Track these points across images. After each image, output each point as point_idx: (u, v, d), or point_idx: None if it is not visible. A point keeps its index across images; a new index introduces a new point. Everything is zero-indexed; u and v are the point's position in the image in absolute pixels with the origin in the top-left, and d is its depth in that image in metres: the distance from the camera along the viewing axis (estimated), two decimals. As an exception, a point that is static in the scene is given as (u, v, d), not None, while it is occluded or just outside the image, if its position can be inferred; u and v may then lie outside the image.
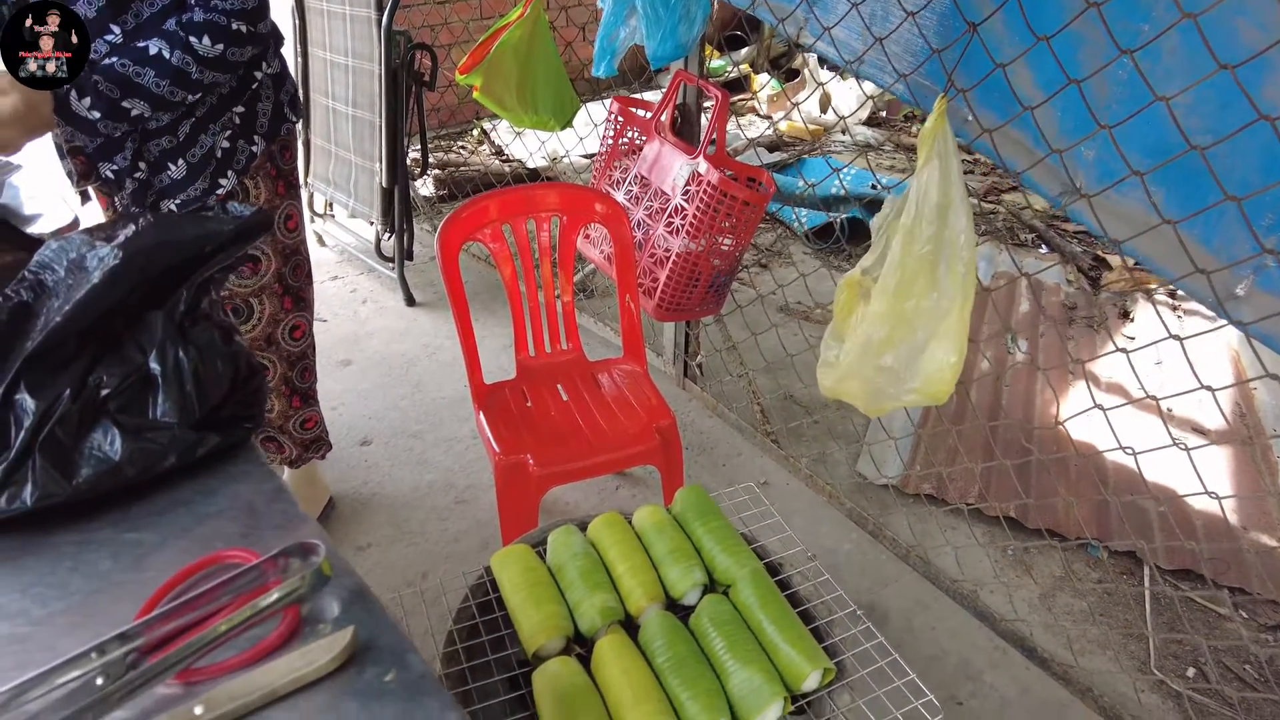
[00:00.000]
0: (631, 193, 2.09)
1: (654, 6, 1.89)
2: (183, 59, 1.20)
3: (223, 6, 1.21)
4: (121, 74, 1.17)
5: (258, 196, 1.43)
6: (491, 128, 4.41)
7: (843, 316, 1.55)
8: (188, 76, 1.21)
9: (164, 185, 1.36)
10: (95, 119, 1.18)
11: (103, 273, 0.82)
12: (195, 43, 1.21)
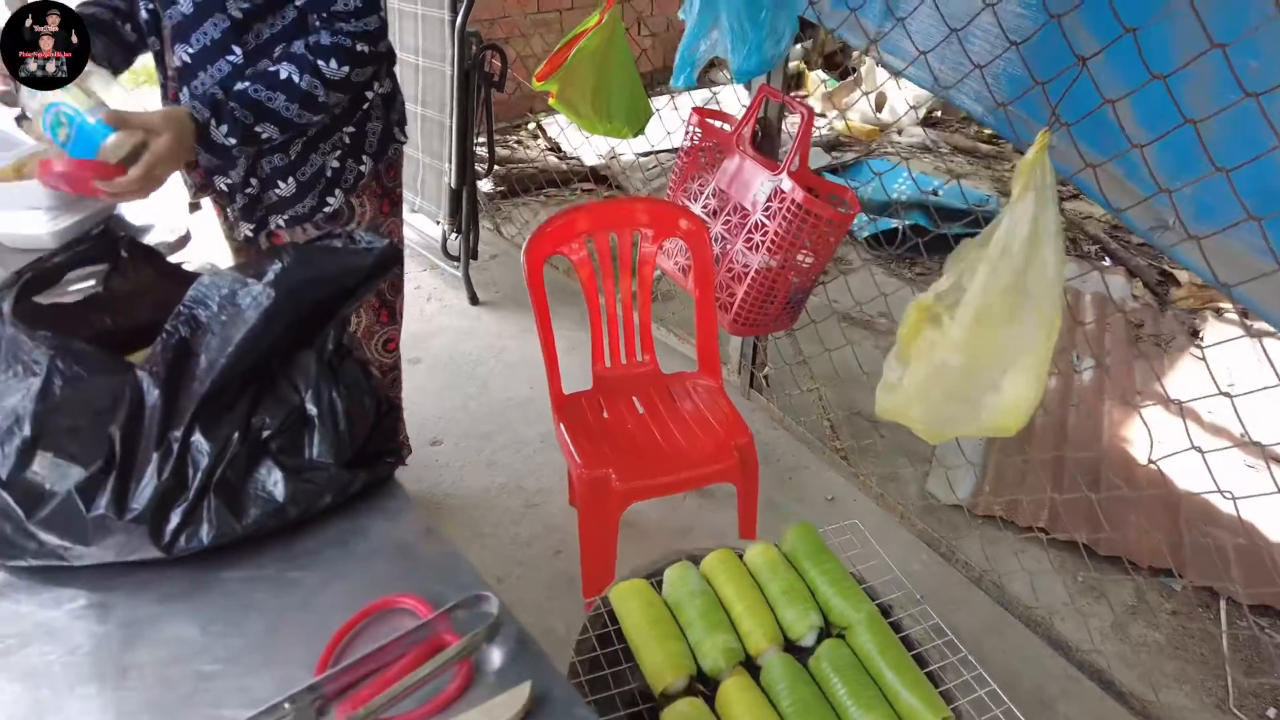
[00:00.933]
0: (709, 206, 2.10)
1: (740, 22, 1.88)
2: (311, 83, 1.23)
3: (348, 29, 1.23)
4: (255, 99, 1.20)
5: (362, 214, 1.46)
6: (548, 123, 4.42)
7: (909, 339, 1.54)
8: (315, 100, 1.24)
9: (273, 201, 1.39)
10: (231, 144, 1.20)
11: (259, 314, 0.85)
12: (323, 66, 1.23)
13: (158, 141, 1.11)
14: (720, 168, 2.11)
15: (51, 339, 0.80)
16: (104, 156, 1.07)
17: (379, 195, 1.48)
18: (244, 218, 1.40)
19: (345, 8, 1.22)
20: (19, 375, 0.79)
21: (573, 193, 3.79)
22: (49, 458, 0.76)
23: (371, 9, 1.25)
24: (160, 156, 1.11)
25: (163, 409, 0.78)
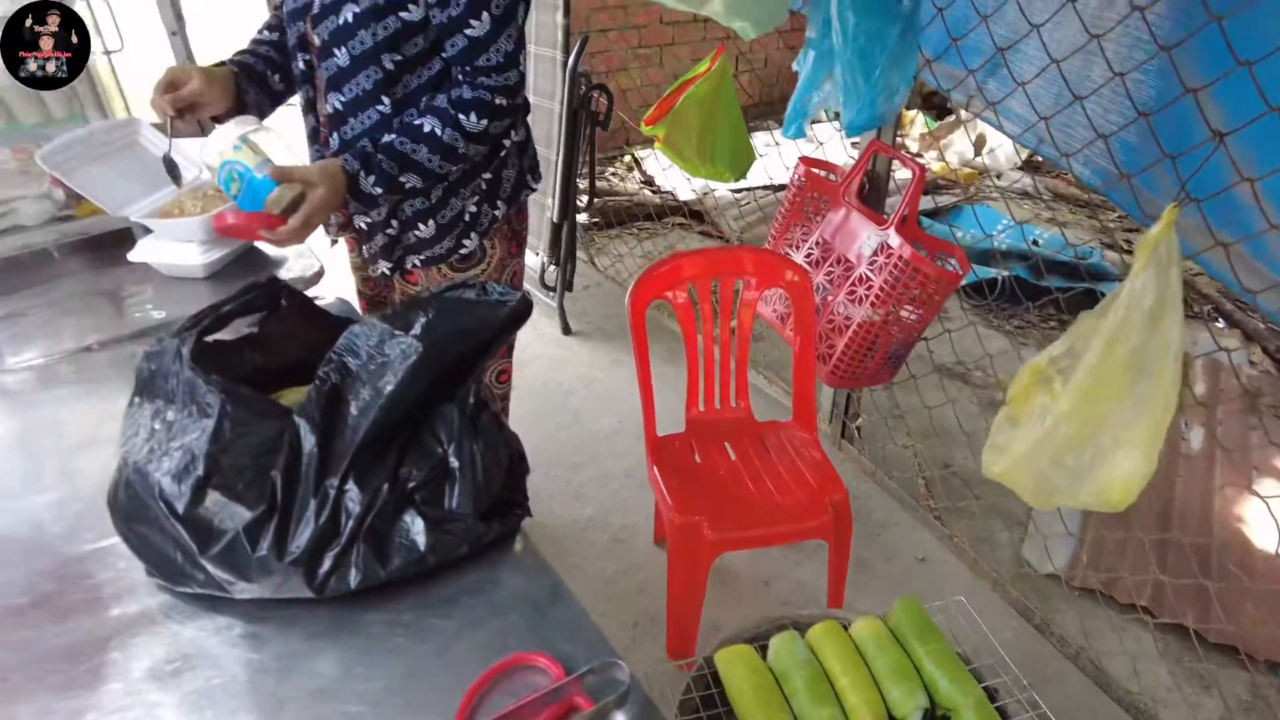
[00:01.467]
0: (812, 256, 2.10)
1: (854, 78, 1.89)
2: (452, 136, 1.29)
3: (488, 83, 1.29)
4: (400, 151, 1.27)
5: (493, 255, 1.52)
6: (644, 157, 4.49)
7: (1019, 402, 1.51)
8: (455, 151, 1.30)
9: (412, 242, 1.46)
10: (378, 194, 1.29)
11: (407, 366, 0.89)
12: (463, 119, 1.29)
13: (315, 193, 1.20)
14: (825, 218, 2.12)
15: (223, 384, 0.86)
16: (268, 208, 1.16)
17: (509, 237, 1.54)
18: (383, 256, 1.47)
19: (488, 62, 1.28)
20: (194, 416, 0.86)
21: (666, 227, 3.85)
22: (219, 496, 0.82)
23: (512, 64, 1.31)
24: (316, 208, 1.21)
25: (319, 456, 0.83)
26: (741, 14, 2.02)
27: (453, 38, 1.27)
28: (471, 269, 1.51)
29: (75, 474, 1.07)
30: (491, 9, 1.25)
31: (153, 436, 0.87)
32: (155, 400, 0.91)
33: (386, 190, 1.29)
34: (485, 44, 1.26)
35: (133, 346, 1.37)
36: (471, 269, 1.51)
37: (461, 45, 1.26)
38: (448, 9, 1.24)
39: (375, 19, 1.25)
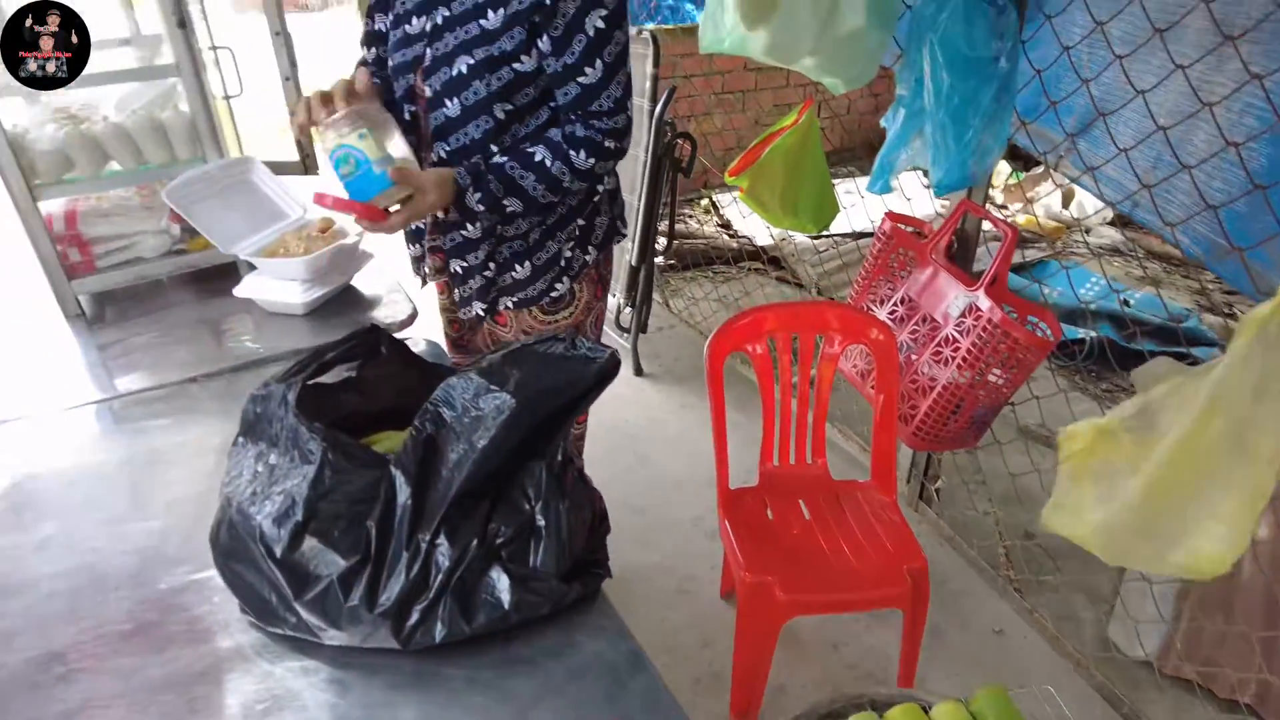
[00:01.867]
0: (896, 313, 2.07)
1: (945, 137, 1.87)
2: (560, 169, 1.33)
3: (600, 126, 1.33)
4: (509, 175, 1.32)
5: (581, 298, 1.55)
6: (721, 200, 4.52)
7: (1081, 459, 1.44)
8: (560, 184, 1.34)
9: (506, 284, 1.49)
10: (480, 211, 1.33)
11: (501, 423, 0.91)
12: (573, 155, 1.33)
13: (423, 200, 1.25)
14: (911, 275, 2.08)
15: (324, 432, 0.89)
16: (378, 202, 1.20)
17: (595, 281, 1.56)
18: (477, 298, 1.50)
19: (599, 107, 1.32)
20: (296, 461, 0.89)
21: (742, 271, 3.84)
22: (315, 542, 0.84)
23: (621, 109, 1.35)
24: (420, 212, 1.26)
25: (413, 508, 0.85)
26: (832, 71, 2.03)
27: (565, 85, 1.31)
28: (560, 311, 1.55)
29: (177, 504, 1.12)
30: (604, 56, 1.29)
31: (256, 479, 0.90)
32: (259, 442, 0.95)
33: (488, 209, 1.32)
34: (597, 91, 1.31)
35: (232, 379, 1.43)
36: (560, 311, 1.55)
37: (574, 93, 1.31)
38: (562, 58, 1.29)
39: (490, 70, 1.30)
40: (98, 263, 1.64)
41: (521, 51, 1.30)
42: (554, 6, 1.25)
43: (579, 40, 1.27)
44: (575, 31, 1.27)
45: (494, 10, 1.28)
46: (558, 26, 1.27)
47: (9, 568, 1.00)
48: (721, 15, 1.98)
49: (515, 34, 1.29)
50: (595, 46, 1.28)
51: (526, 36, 1.29)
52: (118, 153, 1.57)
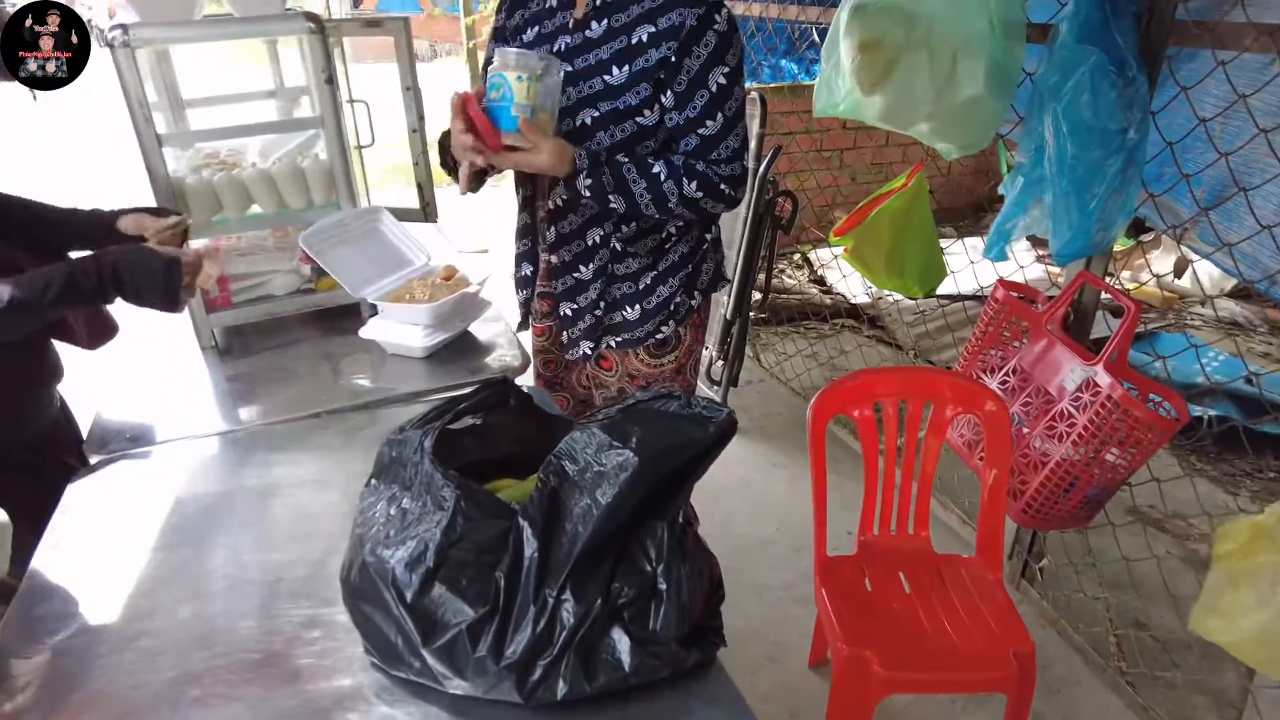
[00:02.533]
0: (1008, 384, 2.01)
1: (1067, 205, 1.82)
2: (670, 187, 1.36)
3: (719, 171, 1.38)
4: (623, 175, 1.35)
5: (685, 341, 1.58)
6: (815, 256, 4.50)
7: (1237, 560, 1.34)
8: (665, 202, 1.37)
9: (614, 324, 1.54)
10: (585, 196, 1.36)
11: (624, 480, 0.91)
12: (686, 182, 1.37)
13: (538, 156, 1.27)
14: (1024, 345, 2.02)
15: (459, 480, 0.91)
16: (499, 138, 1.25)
17: (696, 325, 1.60)
18: (585, 338, 1.54)
19: (718, 156, 1.38)
20: (429, 507, 0.92)
21: (835, 328, 3.80)
22: (444, 590, 0.86)
23: (738, 158, 1.39)
24: (529, 163, 1.29)
25: (539, 562, 0.86)
26: (947, 137, 2.02)
27: (687, 136, 1.37)
28: (666, 355, 1.59)
29: (302, 538, 1.16)
30: (725, 110, 1.35)
31: (389, 522, 0.93)
32: (392, 485, 0.98)
33: (593, 196, 1.35)
34: (716, 141, 1.36)
35: (353, 417, 1.49)
36: (666, 355, 1.59)
37: (695, 143, 1.37)
38: (685, 111, 1.35)
39: (614, 122, 1.36)
40: (234, 299, 1.74)
41: (645, 106, 1.36)
42: (679, 64, 1.31)
43: (701, 95, 1.33)
44: (699, 87, 1.33)
45: (618, 67, 1.35)
46: (681, 82, 1.33)
47: (151, 587, 1.06)
48: (837, 79, 2.00)
49: (640, 90, 1.35)
50: (717, 101, 1.34)
51: (651, 92, 1.35)
52: (260, 197, 1.68)
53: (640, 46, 1.32)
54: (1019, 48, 1.87)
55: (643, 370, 1.59)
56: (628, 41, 1.33)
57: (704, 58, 1.31)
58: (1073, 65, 1.72)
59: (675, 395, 1.14)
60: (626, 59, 1.33)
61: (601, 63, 1.36)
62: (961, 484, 2.53)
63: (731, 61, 1.34)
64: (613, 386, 1.65)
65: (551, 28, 1.41)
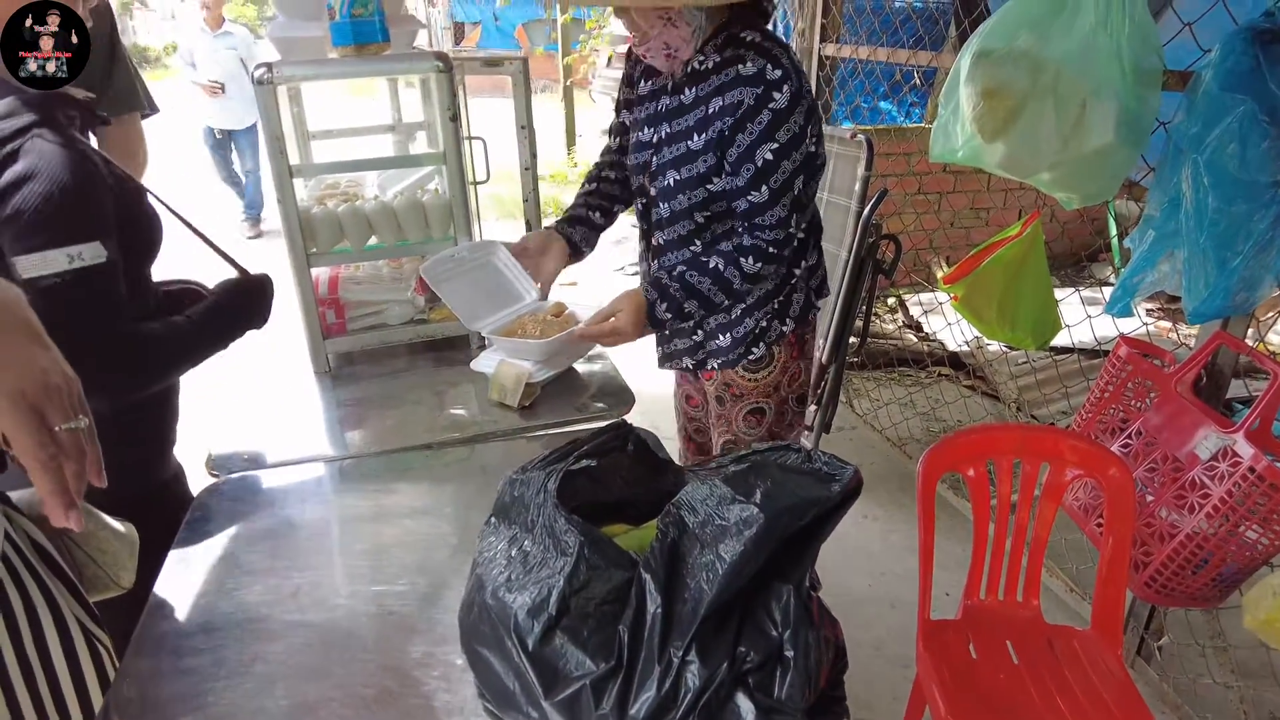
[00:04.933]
0: (1130, 447, 1.89)
1: (1205, 262, 1.72)
2: (732, 274, 1.51)
3: (764, 237, 1.49)
4: (689, 282, 1.52)
5: (779, 360, 1.70)
6: (910, 300, 4.39)
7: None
8: (731, 286, 1.53)
9: (713, 349, 1.69)
10: (667, 318, 1.54)
11: (750, 538, 0.88)
12: (743, 261, 1.51)
13: (621, 318, 1.52)
14: (1149, 407, 1.91)
15: (582, 526, 0.90)
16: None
17: (792, 344, 1.71)
18: (687, 355, 1.73)
19: (763, 222, 1.48)
20: (550, 551, 0.90)
21: (930, 376, 3.69)
22: (565, 640, 0.84)
23: (784, 225, 1.49)
24: (619, 328, 1.53)
25: (663, 619, 0.83)
26: (1070, 187, 1.94)
27: (738, 200, 1.48)
28: (760, 371, 1.71)
29: (416, 570, 1.16)
30: (770, 183, 1.44)
31: (510, 564, 0.92)
32: (512, 527, 0.97)
33: (674, 316, 1.54)
34: (763, 209, 1.47)
35: (461, 450, 1.50)
36: (760, 371, 1.71)
37: (744, 207, 1.48)
38: (735, 179, 1.46)
39: (691, 186, 1.51)
40: (349, 325, 1.79)
41: (714, 174, 1.49)
42: (731, 138, 1.43)
43: (747, 169, 1.44)
44: (745, 160, 1.43)
45: (699, 134, 1.47)
46: (732, 154, 1.44)
47: (269, 612, 1.07)
48: (955, 126, 1.95)
49: (709, 158, 1.47)
50: (763, 174, 1.44)
51: (716, 161, 1.47)
52: (381, 229, 1.73)
53: (713, 116, 1.44)
54: (1153, 95, 1.79)
55: (738, 382, 1.72)
56: (706, 111, 1.45)
57: (755, 135, 1.41)
58: (1218, 114, 1.64)
59: (795, 449, 1.11)
60: (705, 127, 1.46)
61: (689, 128, 1.49)
62: (1069, 548, 2.40)
63: (782, 138, 1.41)
64: (711, 395, 1.78)
65: (659, 85, 1.56)
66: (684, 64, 1.47)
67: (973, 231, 4.78)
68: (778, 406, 1.74)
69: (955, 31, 3.77)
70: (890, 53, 2.88)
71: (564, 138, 8.52)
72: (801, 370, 1.76)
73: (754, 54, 1.39)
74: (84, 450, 0.74)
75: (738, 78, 1.39)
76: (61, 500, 0.71)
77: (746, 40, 1.41)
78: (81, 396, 0.77)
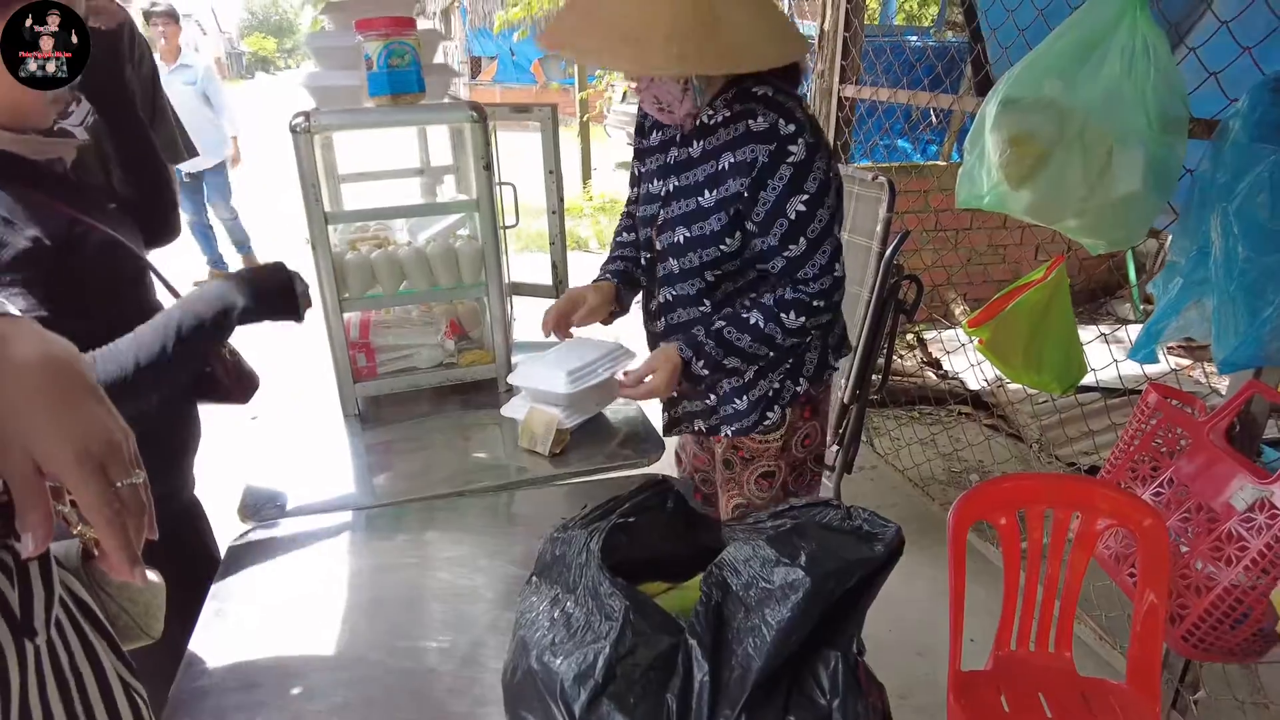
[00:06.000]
0: (1161, 496, 1.87)
1: (1234, 311, 1.71)
2: (772, 329, 1.44)
3: (807, 290, 1.42)
4: (727, 339, 1.45)
5: (787, 419, 1.60)
6: (930, 337, 4.38)
7: None
8: (773, 340, 1.46)
9: (727, 414, 1.60)
10: (704, 374, 1.47)
11: (797, 603, 0.87)
12: (784, 317, 1.44)
13: (658, 379, 1.46)
14: (1180, 455, 1.89)
15: (626, 589, 0.89)
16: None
17: (803, 403, 1.62)
18: (700, 418, 1.65)
19: (805, 275, 1.42)
20: (594, 614, 0.90)
21: (950, 414, 3.67)
22: (612, 707, 0.83)
23: (828, 273, 1.42)
24: (656, 388, 1.47)
25: (711, 688, 0.83)
26: (1096, 233, 1.94)
27: (773, 260, 1.43)
28: (771, 433, 1.62)
29: (454, 626, 1.15)
30: (807, 234, 1.39)
31: (554, 626, 0.91)
32: (554, 586, 0.96)
33: (712, 371, 1.47)
34: (802, 261, 1.41)
35: (492, 497, 1.50)
36: (771, 433, 1.62)
37: (781, 265, 1.42)
38: (767, 238, 1.40)
39: (703, 245, 1.44)
40: (379, 369, 1.80)
41: (727, 234, 1.42)
42: (754, 197, 1.37)
43: (780, 224, 1.38)
44: (777, 216, 1.37)
45: (710, 190, 1.41)
46: (759, 214, 1.38)
47: (306, 668, 1.07)
48: (981, 172, 1.96)
49: (722, 216, 1.41)
50: (798, 227, 1.38)
51: (729, 221, 1.41)
52: (414, 275, 1.75)
53: (724, 174, 1.39)
54: (1179, 143, 1.80)
55: (748, 445, 1.64)
56: (716, 166, 1.40)
57: (779, 190, 1.36)
58: (1248, 164, 1.64)
59: (833, 504, 1.10)
60: (715, 184, 1.41)
61: (698, 184, 1.44)
62: (1099, 596, 2.36)
63: (811, 188, 1.36)
64: (719, 458, 1.69)
65: (669, 137, 1.51)
66: (693, 117, 1.44)
67: (991, 268, 4.78)
68: (790, 466, 1.67)
69: (973, 75, 3.80)
70: (911, 95, 2.90)
71: (580, 171, 8.61)
72: (816, 431, 1.69)
73: (764, 108, 1.35)
74: (143, 505, 0.75)
75: (748, 133, 1.35)
76: (127, 555, 0.71)
77: (758, 95, 1.37)
78: (136, 451, 0.78)
